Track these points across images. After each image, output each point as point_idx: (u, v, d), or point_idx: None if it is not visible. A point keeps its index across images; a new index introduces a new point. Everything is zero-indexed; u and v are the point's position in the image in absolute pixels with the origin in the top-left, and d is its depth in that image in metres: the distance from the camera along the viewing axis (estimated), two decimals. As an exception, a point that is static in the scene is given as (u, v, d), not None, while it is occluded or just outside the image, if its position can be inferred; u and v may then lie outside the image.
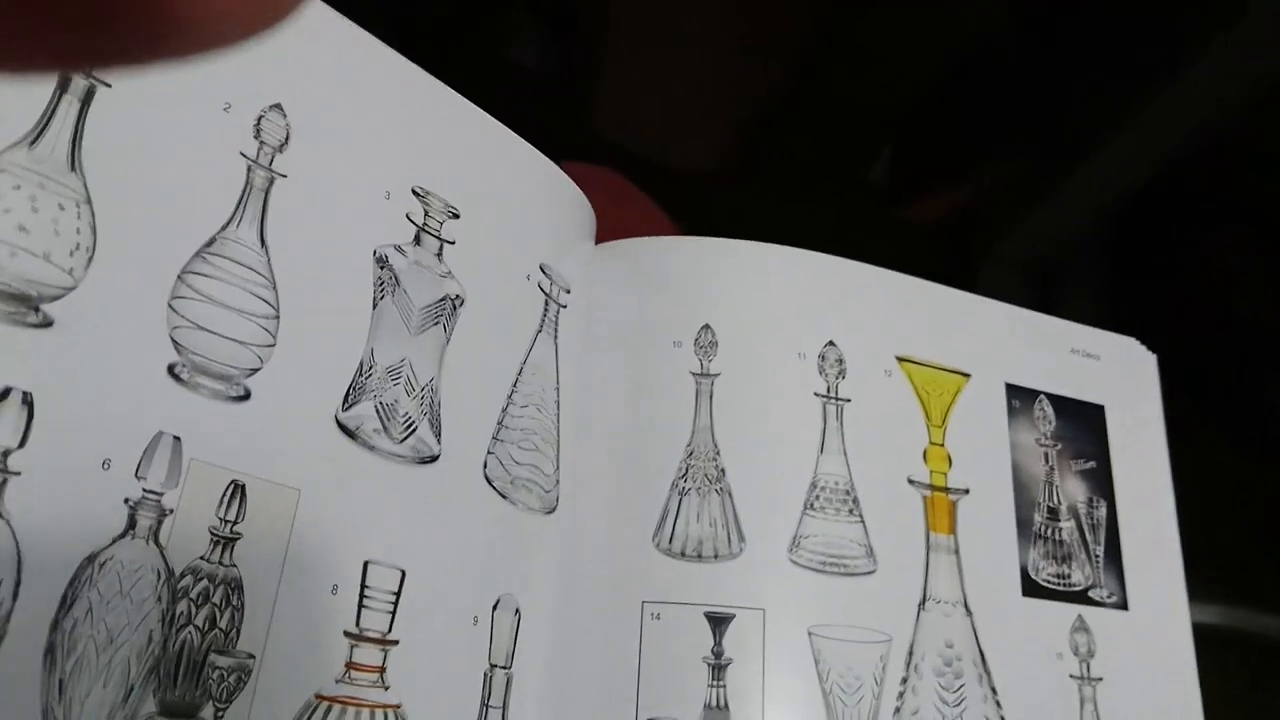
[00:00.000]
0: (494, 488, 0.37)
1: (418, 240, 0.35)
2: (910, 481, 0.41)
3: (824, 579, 0.39)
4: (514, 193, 0.40)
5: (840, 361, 0.43)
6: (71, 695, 0.24)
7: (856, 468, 0.41)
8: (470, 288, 0.37)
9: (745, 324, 0.43)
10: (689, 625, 0.38)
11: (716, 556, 0.39)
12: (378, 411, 0.33)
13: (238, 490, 0.29)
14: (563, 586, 0.38)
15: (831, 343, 0.43)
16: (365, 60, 0.35)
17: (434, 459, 0.35)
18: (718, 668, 0.38)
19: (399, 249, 0.35)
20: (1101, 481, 0.46)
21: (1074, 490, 0.45)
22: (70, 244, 0.26)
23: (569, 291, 0.42)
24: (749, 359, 0.42)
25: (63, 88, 0.26)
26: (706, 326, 0.42)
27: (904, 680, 0.39)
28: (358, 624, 0.31)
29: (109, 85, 0.27)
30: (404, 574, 0.32)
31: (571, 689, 0.37)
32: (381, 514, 0.32)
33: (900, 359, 0.43)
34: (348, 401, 0.32)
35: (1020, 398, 0.45)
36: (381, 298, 0.34)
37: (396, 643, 0.32)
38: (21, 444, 0.24)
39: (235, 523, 0.28)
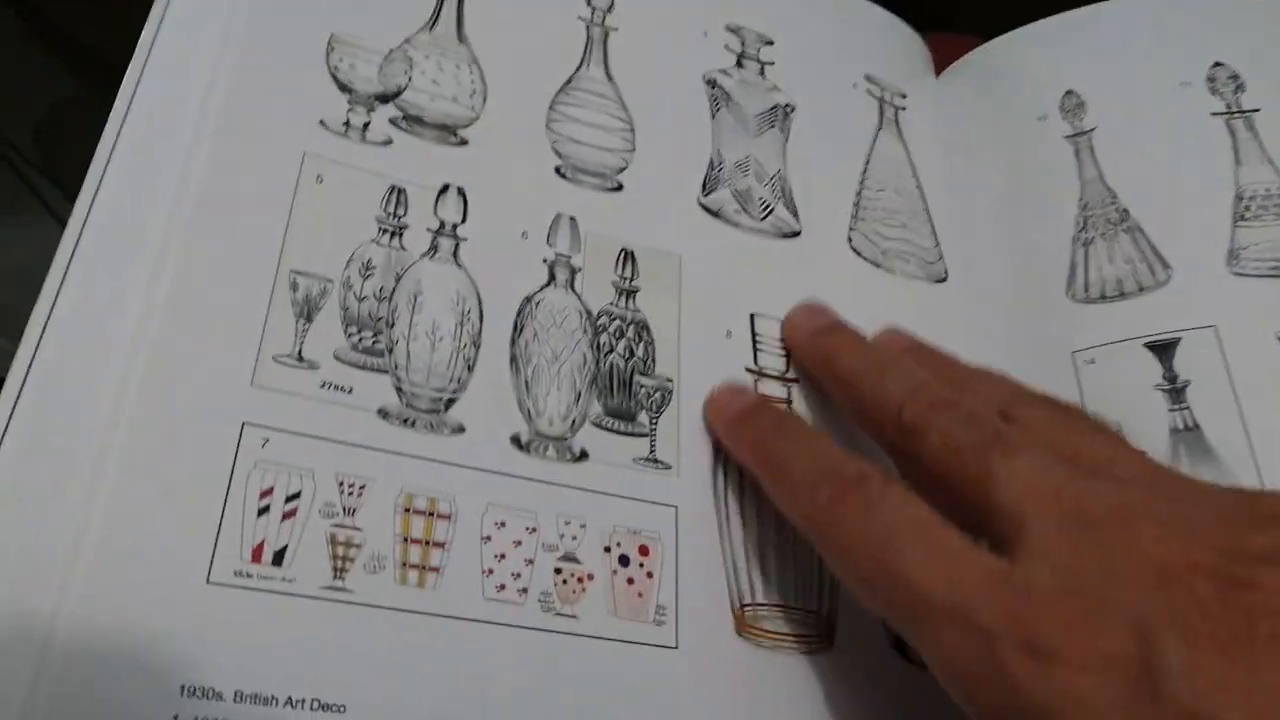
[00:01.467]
0: (864, 258, 0.39)
1: (739, 64, 0.40)
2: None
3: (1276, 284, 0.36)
4: (823, 20, 0.43)
5: (1234, 78, 0.41)
6: (536, 393, 0.31)
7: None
8: (797, 97, 0.41)
9: (1110, 77, 0.42)
10: (1129, 362, 0.36)
11: (1141, 289, 0.38)
12: (734, 196, 0.37)
13: (628, 255, 0.34)
14: (975, 347, 0.38)
15: (1218, 63, 0.41)
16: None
17: (795, 234, 0.38)
18: (1175, 391, 0.35)
19: (724, 71, 0.40)
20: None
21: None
22: (468, 89, 0.34)
23: (904, 96, 0.44)
24: (1123, 107, 0.41)
25: (443, -7, 0.36)
26: (1069, 92, 0.42)
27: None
28: (755, 362, 0.34)
29: (473, -13, 0.36)
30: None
31: None
32: (757, 278, 0.36)
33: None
34: (706, 189, 0.37)
35: None
36: (718, 110, 0.39)
37: (796, 380, 0.35)
38: (463, 219, 0.32)
39: (632, 279, 0.34)
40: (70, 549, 0.23)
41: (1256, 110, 0.40)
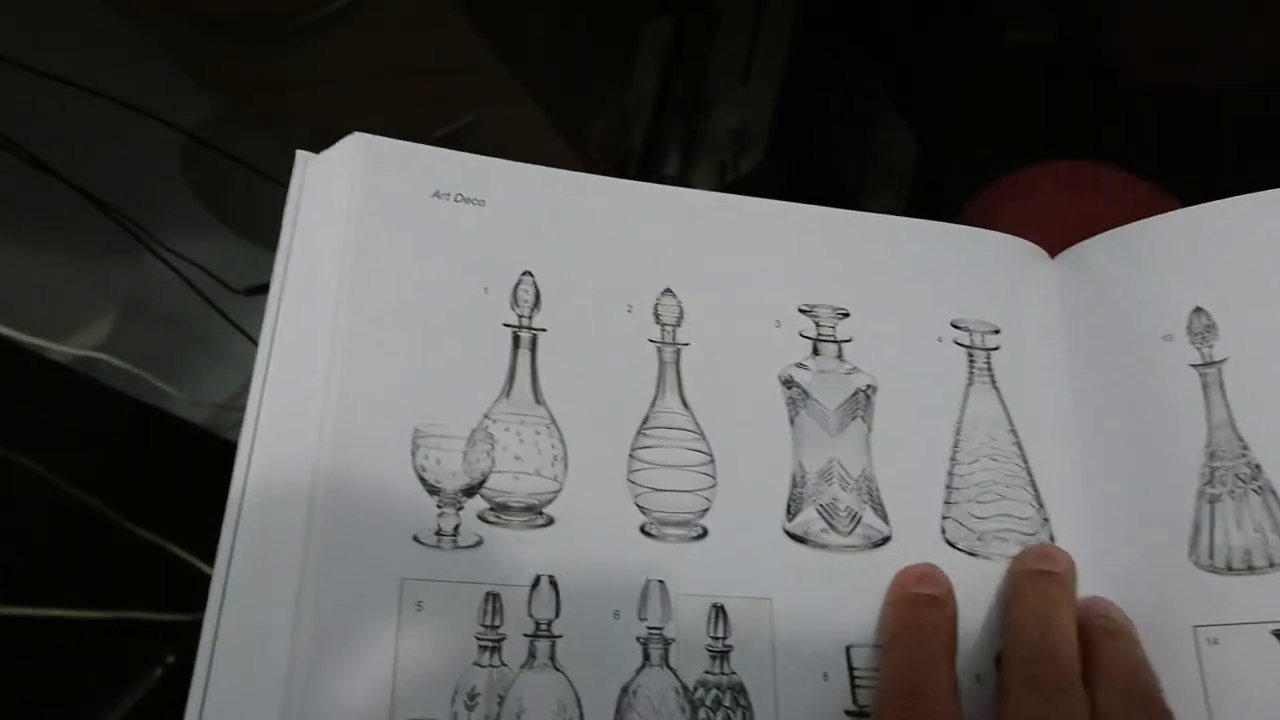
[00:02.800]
0: (959, 550, 0.38)
1: (815, 350, 0.40)
2: None
3: None
4: (903, 272, 0.42)
5: None
6: (639, 796, 0.32)
7: None
8: (879, 372, 0.40)
9: (1248, 296, 0.37)
10: (1257, 650, 0.34)
11: (1271, 565, 0.35)
12: (820, 513, 0.37)
13: (719, 612, 0.35)
14: None
15: None
16: (726, 223, 0.41)
17: (886, 540, 0.38)
18: None
19: (800, 365, 0.39)
20: None
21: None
22: (549, 457, 0.35)
23: (996, 332, 0.42)
24: (1259, 335, 0.37)
25: (515, 344, 0.36)
26: (1198, 310, 0.38)
27: None
28: (854, 703, 0.35)
29: (544, 330, 0.36)
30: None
31: None
32: (848, 601, 0.36)
33: None
34: (790, 512, 0.37)
35: None
36: (796, 414, 0.38)
37: (895, 711, 0.35)
38: (557, 614, 0.33)
39: (724, 638, 0.34)
40: None
41: None
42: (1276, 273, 0.37)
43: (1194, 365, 0.37)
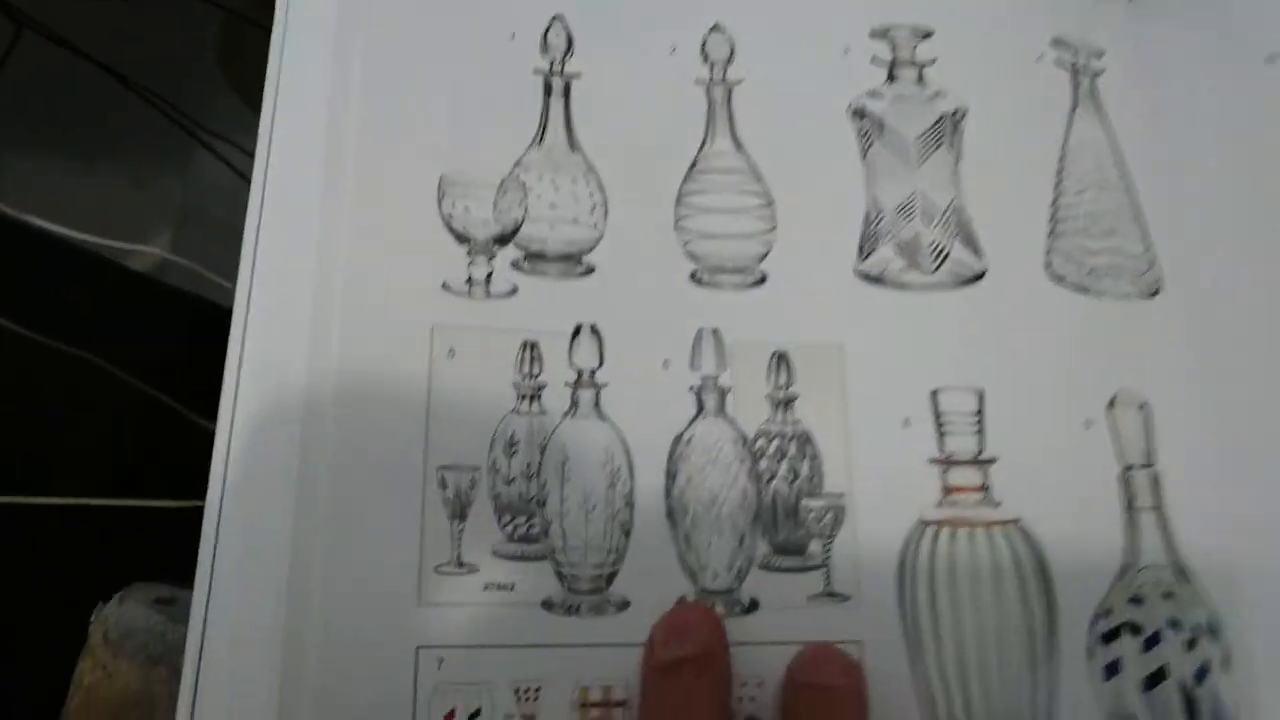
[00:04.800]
0: (1066, 285, 0.33)
1: (891, 76, 0.35)
2: None
3: None
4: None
5: None
6: (697, 545, 0.30)
7: None
8: (969, 96, 0.35)
9: None
10: None
11: None
12: (898, 251, 0.33)
13: (781, 359, 0.32)
14: (1199, 370, 0.33)
15: None
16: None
17: (979, 276, 0.33)
18: None
19: (873, 93, 0.35)
20: None
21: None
22: (588, 205, 0.32)
23: (1101, 55, 0.36)
24: None
25: (547, 91, 0.33)
26: None
27: None
28: (941, 450, 0.31)
29: (579, 76, 0.33)
30: (981, 394, 0.32)
31: (1237, 489, 0.31)
32: (936, 345, 0.32)
33: None
34: (864, 252, 0.33)
35: None
36: (869, 145, 0.34)
37: (993, 460, 0.31)
38: (600, 363, 0.31)
39: (787, 386, 0.31)
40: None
41: None
42: None
43: None
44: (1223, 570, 0.31)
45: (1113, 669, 0.30)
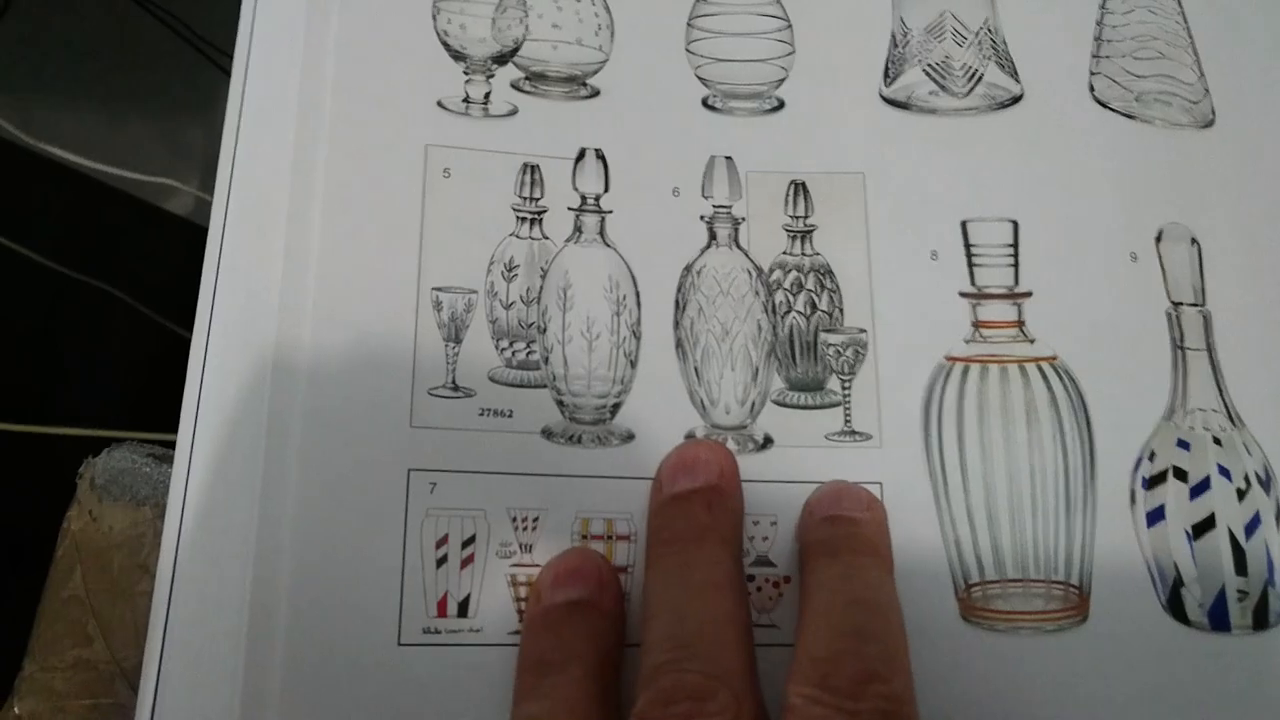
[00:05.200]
0: (1113, 110, 0.31)
1: (921, -107, 0.32)
2: None
3: None
4: None
5: None
6: (708, 379, 0.28)
7: None
8: (1005, -85, 0.32)
9: None
10: None
11: None
12: (928, 73, 0.31)
13: (799, 188, 0.29)
14: (1245, 209, 0.30)
15: None
16: None
17: (1017, 99, 0.31)
18: None
19: (901, -90, 0.32)
20: None
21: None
22: (593, 26, 0.30)
23: None
24: None
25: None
26: None
27: None
28: (972, 282, 0.29)
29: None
30: (1015, 225, 0.29)
31: None
32: (966, 172, 0.30)
33: None
34: (890, 76, 0.31)
35: None
36: (897, -35, 0.32)
37: (1028, 294, 0.29)
38: (605, 188, 0.29)
39: (806, 216, 0.29)
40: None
41: None
42: None
43: None
44: (1276, 418, 0.29)
45: (1156, 515, 0.28)
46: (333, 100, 0.28)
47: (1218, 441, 0.29)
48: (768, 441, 0.27)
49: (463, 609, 0.25)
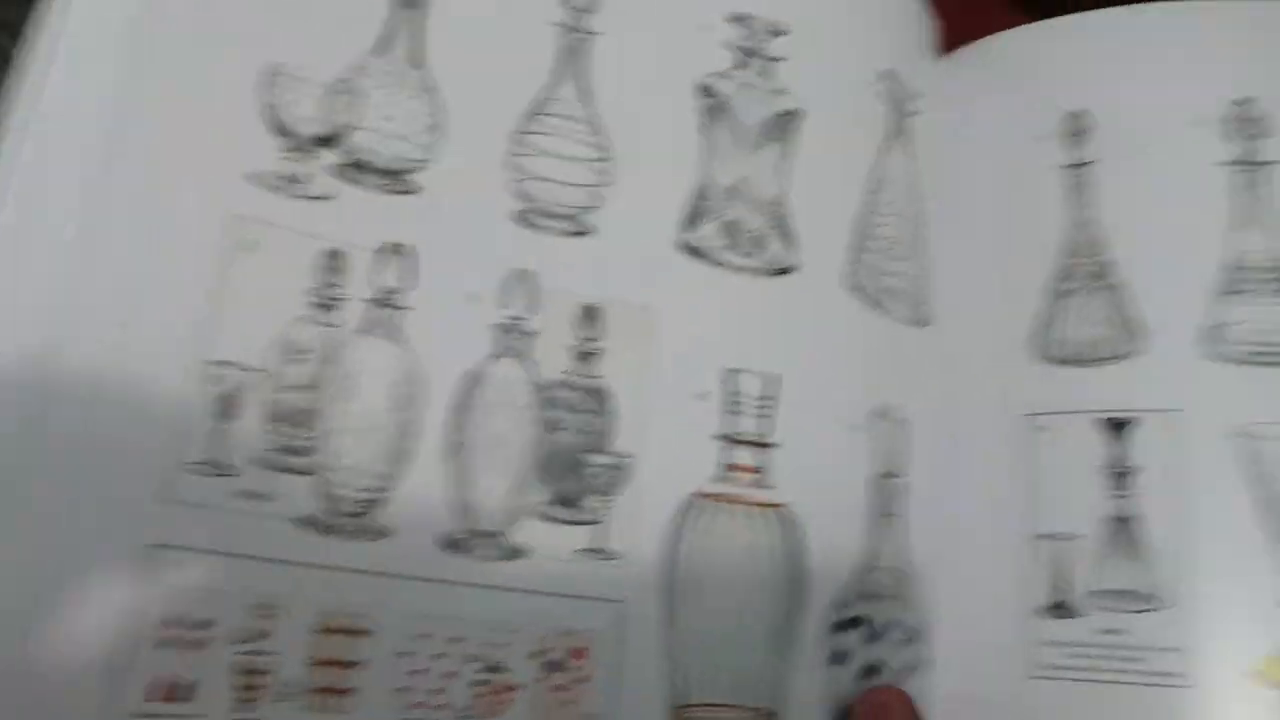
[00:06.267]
0: (862, 298, 0.35)
1: (742, 63, 0.35)
2: None
3: (1258, 371, 0.33)
4: (844, 4, 0.38)
5: (1256, 120, 0.35)
6: (474, 484, 0.29)
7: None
8: (808, 101, 0.36)
9: (1119, 102, 0.36)
10: (1082, 436, 0.34)
11: (1111, 357, 0.34)
12: (722, 229, 0.34)
13: (591, 312, 0.32)
14: (946, 400, 0.36)
15: (1245, 100, 0.35)
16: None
17: (789, 270, 0.34)
18: (1121, 475, 0.33)
19: (722, 74, 0.35)
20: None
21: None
22: (422, 124, 0.31)
23: (917, 98, 0.38)
24: (1127, 140, 0.36)
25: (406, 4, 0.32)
26: (1073, 114, 0.37)
27: None
28: (730, 427, 0.32)
29: (436, -8, 0.32)
30: (774, 379, 0.33)
31: (961, 503, 0.34)
32: (739, 325, 0.33)
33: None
34: (690, 223, 0.33)
35: None
36: (711, 123, 0.35)
37: (775, 445, 0.32)
38: (405, 286, 0.30)
39: (594, 340, 0.31)
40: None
41: (1273, 163, 0.34)
42: (1150, 79, 0.37)
43: (1064, 166, 0.36)
44: (932, 579, 0.34)
45: (839, 657, 0.32)
46: (142, 156, 0.27)
47: (895, 596, 0.33)
48: (518, 552, 0.29)
49: (187, 693, 0.25)
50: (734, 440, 0.32)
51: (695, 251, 0.33)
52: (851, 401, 0.34)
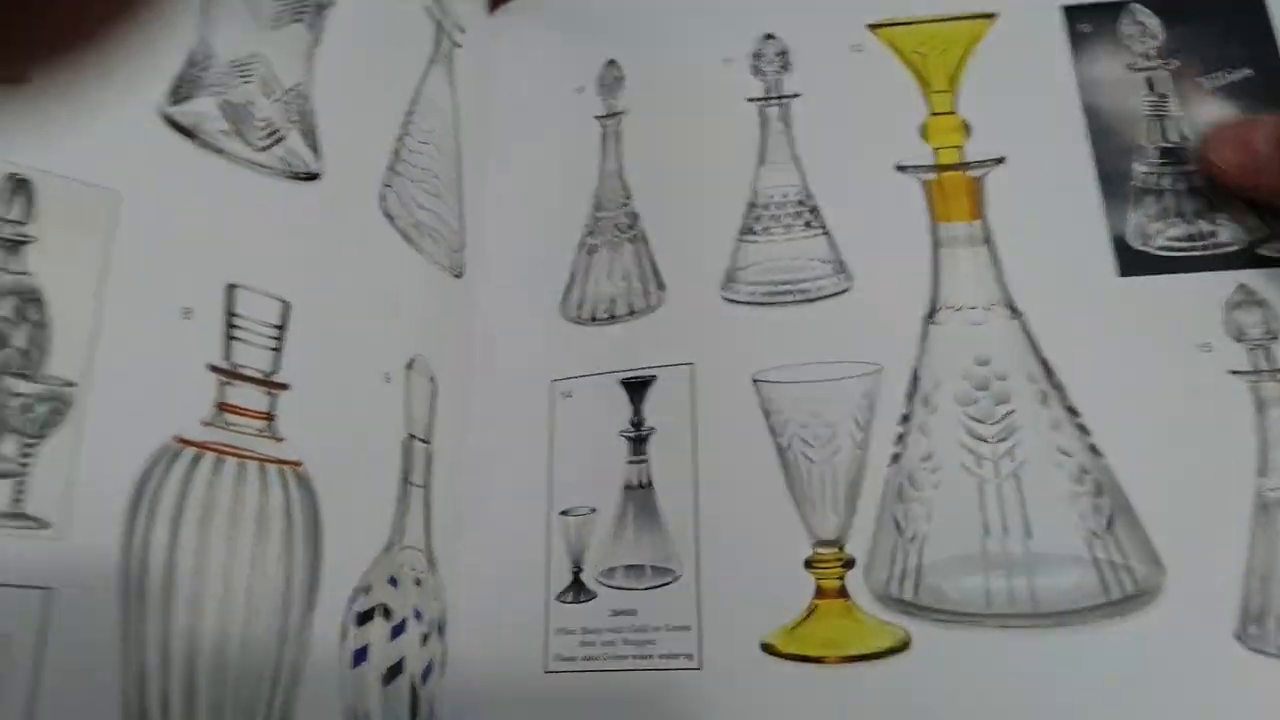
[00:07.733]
0: (396, 226, 0.30)
1: (261, -78, 0.29)
2: (900, 168, 0.32)
3: (773, 312, 0.31)
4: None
5: (782, 54, 0.34)
6: None
7: (816, 172, 0.32)
8: (341, -5, 0.30)
9: (652, 49, 0.35)
10: (605, 400, 0.31)
11: (632, 313, 0.32)
12: (223, 110, 0.26)
13: (20, 185, 0.22)
14: (477, 361, 0.32)
15: (770, 35, 0.34)
16: None
17: (312, 176, 0.28)
18: (637, 440, 0.31)
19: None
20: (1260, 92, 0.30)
21: (1213, 114, 0.31)
22: None
23: (463, 31, 0.35)
24: (657, 88, 0.35)
25: None
26: (611, 62, 0.35)
27: (905, 418, 0.29)
28: (226, 357, 0.24)
29: None
30: (286, 306, 0.26)
31: (485, 476, 0.31)
32: (248, 232, 0.26)
33: (875, 26, 0.34)
34: (178, 95, 0.25)
35: (1092, 19, 0.32)
36: (216, -18, 0.27)
37: (286, 386, 0.25)
38: None
39: (21, 224, 0.22)
40: None
41: (796, 96, 0.33)
42: (678, 28, 0.35)
43: (598, 117, 0.35)
44: (458, 566, 0.30)
45: (361, 655, 0.26)
46: None
47: (419, 582, 0.28)
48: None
49: None
50: (232, 374, 0.24)
51: (185, 130, 0.25)
52: (383, 347, 0.28)
